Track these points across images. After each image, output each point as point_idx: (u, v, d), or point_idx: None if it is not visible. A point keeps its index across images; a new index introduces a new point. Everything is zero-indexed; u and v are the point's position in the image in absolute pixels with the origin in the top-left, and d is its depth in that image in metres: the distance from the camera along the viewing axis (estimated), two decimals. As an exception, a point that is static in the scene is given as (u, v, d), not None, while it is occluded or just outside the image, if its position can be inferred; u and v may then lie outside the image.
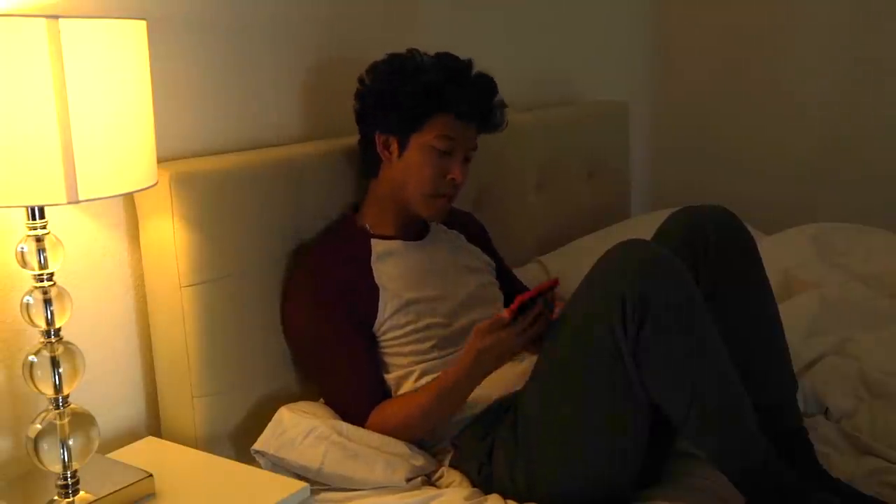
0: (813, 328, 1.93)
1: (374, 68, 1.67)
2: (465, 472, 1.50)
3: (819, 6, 2.81)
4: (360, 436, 1.50)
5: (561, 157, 2.44)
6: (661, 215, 1.64)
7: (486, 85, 1.66)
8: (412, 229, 1.70)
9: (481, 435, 1.50)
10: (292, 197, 1.66)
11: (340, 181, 1.75)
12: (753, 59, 2.95)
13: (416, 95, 1.60)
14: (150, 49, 1.21)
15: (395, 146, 1.63)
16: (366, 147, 1.68)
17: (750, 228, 1.60)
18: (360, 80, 1.68)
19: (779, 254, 2.24)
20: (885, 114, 2.75)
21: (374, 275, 1.60)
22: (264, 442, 1.48)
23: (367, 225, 1.68)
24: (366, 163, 1.70)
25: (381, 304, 1.57)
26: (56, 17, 1.06)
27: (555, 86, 2.66)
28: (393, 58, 1.66)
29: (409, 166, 1.62)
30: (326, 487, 1.48)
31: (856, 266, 2.23)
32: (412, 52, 1.66)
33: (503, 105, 1.69)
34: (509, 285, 1.83)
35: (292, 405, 1.54)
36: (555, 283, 1.46)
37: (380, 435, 1.51)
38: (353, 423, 1.51)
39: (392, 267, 1.62)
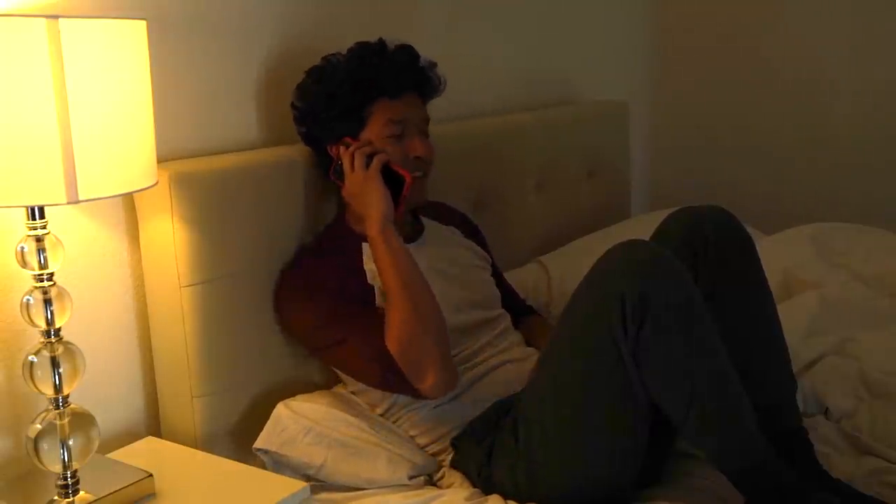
0: (813, 328, 1.93)
1: (300, 88, 1.66)
2: (466, 473, 1.50)
3: (819, 4, 2.81)
4: (362, 433, 1.50)
5: (561, 157, 2.44)
6: (661, 215, 1.64)
7: (406, 53, 1.65)
8: (402, 229, 1.64)
9: (481, 436, 1.50)
10: (292, 197, 1.66)
11: (329, 185, 1.74)
12: (753, 59, 2.95)
13: (345, 93, 1.59)
14: (149, 49, 1.21)
15: None
16: (324, 163, 1.65)
17: (750, 228, 1.60)
18: (293, 106, 1.67)
19: (779, 254, 2.23)
20: (886, 112, 2.75)
21: (368, 275, 1.59)
22: (265, 440, 1.49)
23: (356, 227, 1.65)
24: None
25: (377, 300, 1.57)
26: (56, 17, 1.06)
27: (555, 86, 2.66)
28: (311, 71, 1.66)
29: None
30: (327, 486, 1.48)
31: (856, 266, 2.23)
32: (327, 59, 1.66)
33: (433, 65, 1.67)
34: (499, 287, 1.82)
35: (289, 401, 1.54)
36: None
37: (381, 432, 1.51)
38: (390, 377, 1.47)
39: None
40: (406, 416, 1.57)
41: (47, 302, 1.19)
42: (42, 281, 1.20)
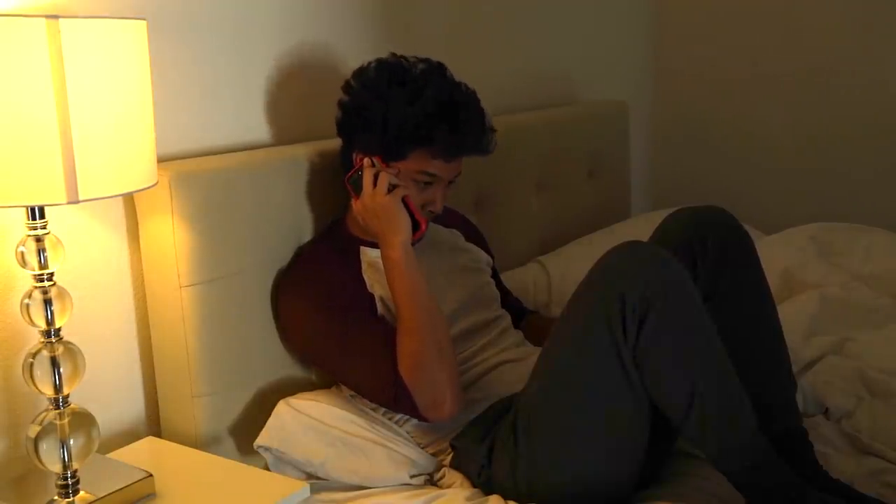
0: (813, 328, 1.94)
1: (362, 78, 1.59)
2: (466, 474, 1.51)
3: (820, 4, 2.81)
4: (362, 431, 1.50)
5: (561, 157, 2.44)
6: (661, 215, 1.64)
7: (478, 123, 1.58)
8: None
9: (480, 436, 1.50)
10: (292, 197, 1.66)
11: (340, 181, 1.74)
12: (753, 58, 2.95)
13: (399, 129, 1.52)
14: (150, 49, 1.21)
15: None
16: (346, 158, 1.62)
17: (750, 228, 1.60)
18: (347, 87, 1.60)
19: (779, 254, 2.24)
20: (887, 112, 2.75)
21: (367, 283, 1.60)
22: (267, 437, 1.49)
23: (356, 232, 1.66)
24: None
25: (378, 310, 1.57)
26: (56, 17, 1.06)
27: (555, 86, 2.66)
28: (380, 71, 1.58)
29: None
30: (328, 486, 1.49)
31: (856, 266, 2.23)
32: (400, 63, 1.58)
33: (492, 130, 1.61)
34: (497, 288, 1.83)
35: (290, 399, 1.54)
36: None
37: (382, 430, 1.52)
38: (402, 402, 1.47)
39: (383, 275, 1.58)
40: (406, 416, 1.57)
41: (47, 302, 1.19)
42: (42, 281, 1.20)
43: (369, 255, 1.62)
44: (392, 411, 1.55)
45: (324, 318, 1.54)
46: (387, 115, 1.53)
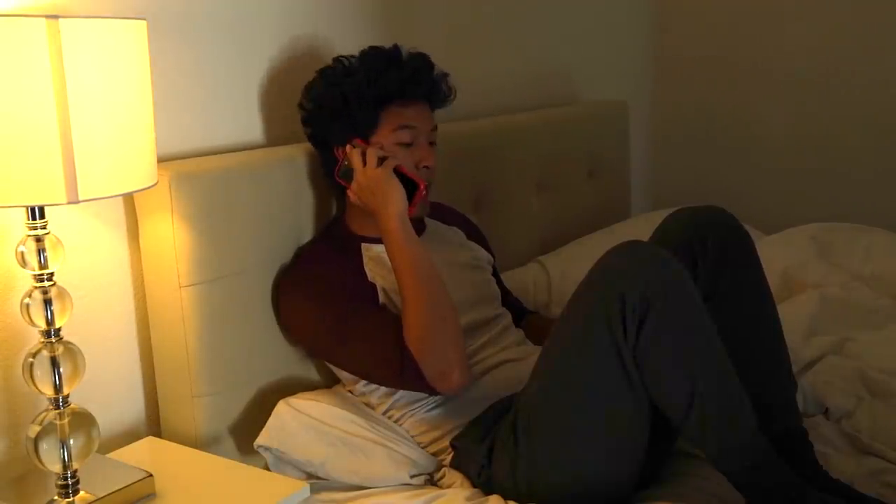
0: (813, 328, 1.94)
1: (310, 88, 1.66)
2: (466, 474, 1.51)
3: (819, 4, 2.81)
4: (362, 431, 1.50)
5: (561, 157, 2.44)
6: (661, 215, 1.64)
7: (421, 60, 1.65)
8: None
9: (480, 436, 1.50)
10: (292, 196, 1.66)
11: (332, 185, 1.74)
12: (753, 59, 2.95)
13: (357, 96, 1.59)
14: (150, 49, 1.21)
15: None
16: (329, 164, 1.65)
17: (750, 228, 1.60)
18: (301, 106, 1.67)
19: (779, 254, 2.24)
20: (887, 112, 2.75)
21: (368, 275, 1.60)
22: (267, 437, 1.49)
23: (355, 229, 1.66)
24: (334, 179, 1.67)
25: (380, 299, 1.58)
26: (56, 17, 1.06)
27: (555, 86, 2.66)
28: (323, 72, 1.66)
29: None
30: (328, 486, 1.49)
31: (856, 266, 2.23)
32: (338, 60, 1.66)
33: (445, 75, 1.68)
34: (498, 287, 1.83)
35: (290, 398, 1.54)
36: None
37: (382, 430, 1.52)
38: (408, 374, 1.46)
39: (386, 269, 1.59)
40: (406, 416, 1.57)
41: (47, 302, 1.19)
42: (42, 281, 1.20)
43: (373, 250, 1.62)
44: (400, 387, 1.54)
45: (327, 316, 1.54)
46: (345, 93, 1.59)
